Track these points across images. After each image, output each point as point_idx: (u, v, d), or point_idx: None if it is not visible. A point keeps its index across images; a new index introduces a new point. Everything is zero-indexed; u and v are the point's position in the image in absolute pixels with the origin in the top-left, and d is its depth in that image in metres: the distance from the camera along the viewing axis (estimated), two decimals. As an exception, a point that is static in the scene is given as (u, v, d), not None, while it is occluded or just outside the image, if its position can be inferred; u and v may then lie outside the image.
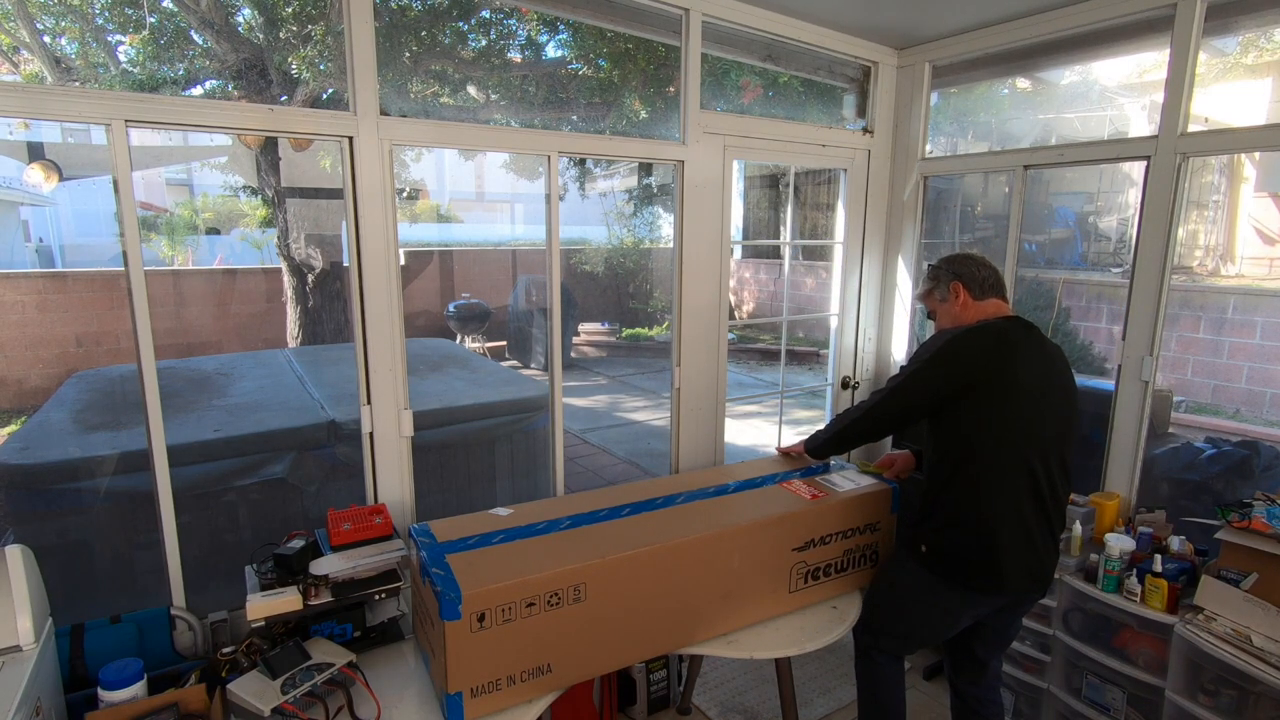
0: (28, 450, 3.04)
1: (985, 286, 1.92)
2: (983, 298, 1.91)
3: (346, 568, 1.73)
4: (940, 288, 1.95)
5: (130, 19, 3.47)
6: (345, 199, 2.01)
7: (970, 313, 1.92)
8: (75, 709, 1.53)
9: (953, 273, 1.93)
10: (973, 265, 1.93)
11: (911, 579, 1.92)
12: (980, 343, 1.80)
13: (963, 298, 1.91)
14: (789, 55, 3.01)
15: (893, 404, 1.89)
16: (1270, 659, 1.81)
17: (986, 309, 1.91)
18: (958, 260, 1.96)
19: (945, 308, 1.95)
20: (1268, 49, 6.52)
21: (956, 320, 1.92)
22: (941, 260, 1.99)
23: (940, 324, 1.97)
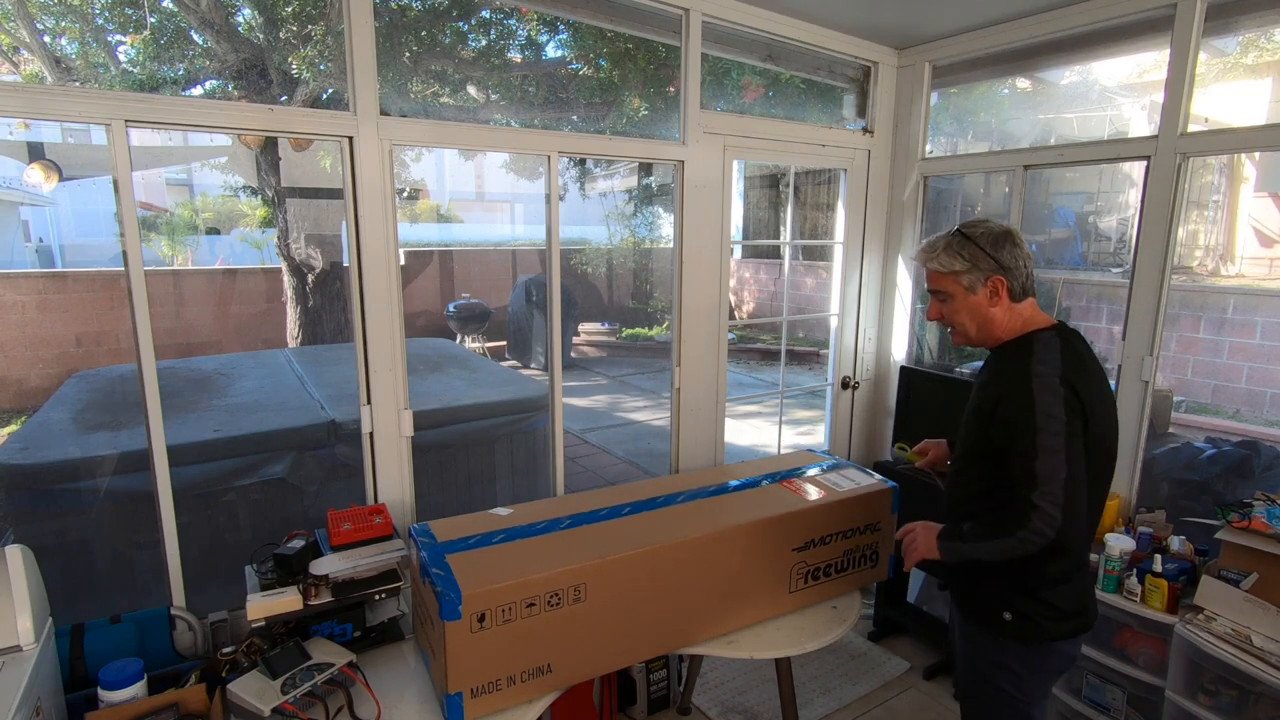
0: (28, 450, 3.04)
1: (1027, 286, 1.55)
2: (1022, 299, 1.55)
3: (346, 568, 1.73)
4: (974, 275, 1.52)
5: (130, 19, 3.47)
6: (345, 199, 2.01)
7: (1009, 320, 1.54)
8: (75, 709, 1.53)
9: (997, 263, 1.51)
10: (1019, 255, 1.53)
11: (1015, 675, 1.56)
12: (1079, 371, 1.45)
13: (1003, 299, 1.53)
14: (789, 55, 3.01)
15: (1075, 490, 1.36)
16: (1270, 659, 1.81)
17: (1025, 313, 1.55)
18: (999, 241, 1.52)
19: (973, 303, 1.54)
20: (1268, 49, 6.52)
21: (983, 324, 1.56)
22: (975, 232, 1.53)
23: (956, 318, 1.58)
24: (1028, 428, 1.39)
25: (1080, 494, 1.37)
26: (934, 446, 1.97)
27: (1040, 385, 1.41)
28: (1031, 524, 1.36)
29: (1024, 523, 1.37)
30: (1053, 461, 1.36)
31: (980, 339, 1.60)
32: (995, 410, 1.47)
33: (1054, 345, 1.48)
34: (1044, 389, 1.40)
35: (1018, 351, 1.51)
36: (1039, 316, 1.57)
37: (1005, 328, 1.56)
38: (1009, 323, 1.56)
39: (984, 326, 1.57)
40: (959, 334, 1.62)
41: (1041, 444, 1.37)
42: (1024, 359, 1.47)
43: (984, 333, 1.58)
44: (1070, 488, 1.36)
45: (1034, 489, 1.36)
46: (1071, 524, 1.35)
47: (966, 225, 1.56)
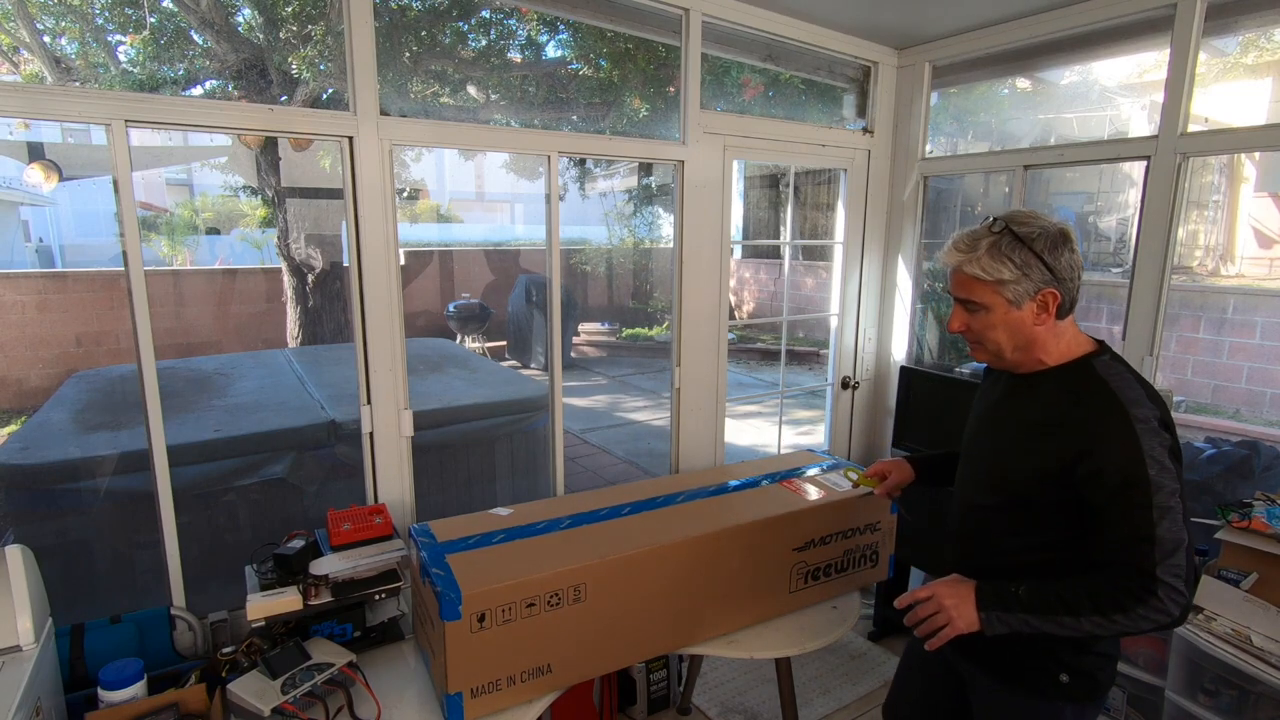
0: (28, 450, 3.04)
1: (1074, 300, 1.29)
2: (1068, 314, 1.31)
3: (346, 568, 1.73)
4: (1023, 286, 1.25)
5: (130, 19, 3.47)
6: (345, 199, 2.01)
7: (1053, 341, 1.30)
8: (75, 709, 1.53)
9: (1053, 272, 1.24)
10: (1075, 263, 1.27)
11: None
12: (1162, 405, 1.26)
13: (1051, 317, 1.27)
14: (789, 55, 3.01)
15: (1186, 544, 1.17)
16: (1270, 659, 1.81)
17: (1068, 333, 1.32)
18: (1057, 244, 1.24)
19: (1015, 319, 1.27)
20: (1268, 49, 6.52)
21: (1024, 345, 1.30)
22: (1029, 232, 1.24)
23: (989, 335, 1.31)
24: (1141, 486, 1.16)
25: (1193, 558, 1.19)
26: (893, 468, 1.73)
27: (1145, 434, 1.17)
28: (1154, 602, 1.14)
29: (1145, 599, 1.15)
30: (1175, 526, 1.15)
31: (1014, 361, 1.34)
32: (1082, 463, 1.20)
33: (1128, 377, 1.26)
34: (1149, 437, 1.17)
35: (1092, 389, 1.25)
36: (1081, 335, 1.35)
37: (1050, 351, 1.31)
38: (1054, 345, 1.30)
39: (1024, 348, 1.31)
40: (986, 352, 1.35)
41: (1159, 504, 1.15)
42: (1112, 401, 1.21)
43: (1022, 354, 1.32)
44: (1191, 557, 1.17)
45: (1156, 561, 1.14)
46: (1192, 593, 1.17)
47: (1016, 220, 1.26)
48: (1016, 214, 1.28)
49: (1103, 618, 1.17)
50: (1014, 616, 1.23)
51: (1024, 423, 1.33)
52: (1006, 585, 1.25)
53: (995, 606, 1.25)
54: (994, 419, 1.42)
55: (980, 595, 1.26)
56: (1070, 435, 1.23)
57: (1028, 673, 1.35)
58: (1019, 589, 1.24)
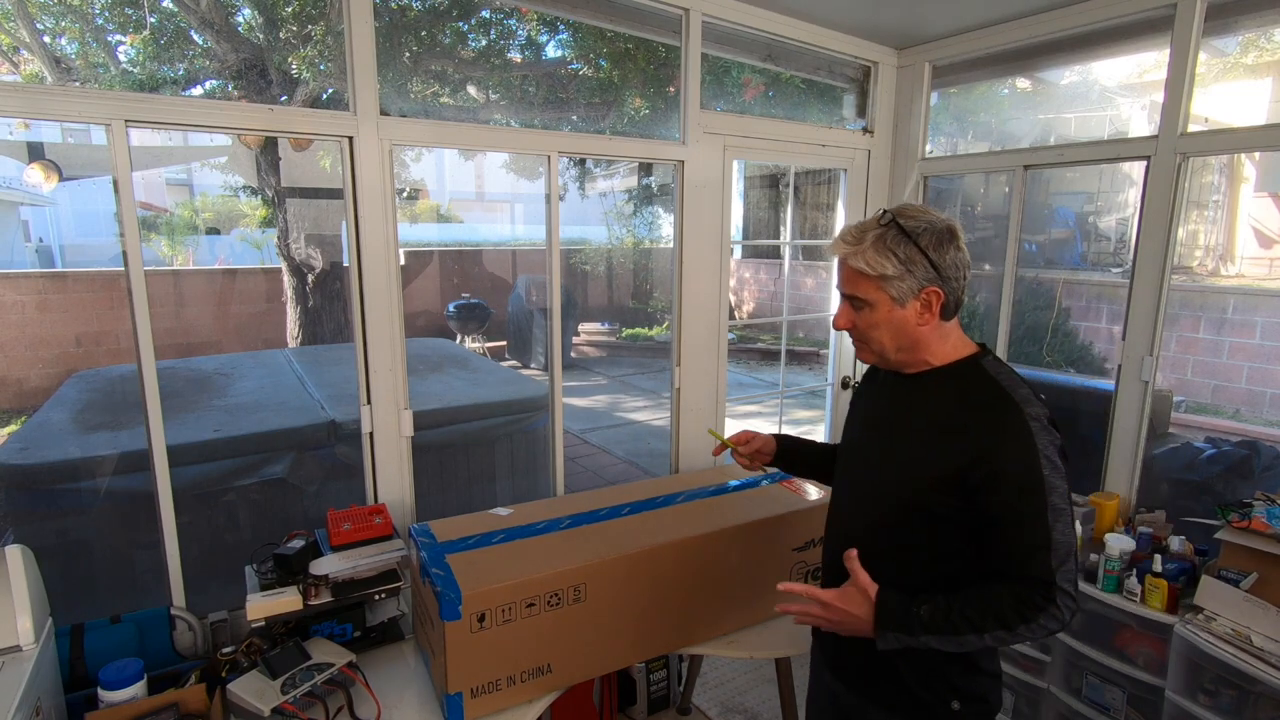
0: (28, 450, 3.04)
1: (960, 300, 1.26)
2: (953, 315, 1.27)
3: (346, 568, 1.73)
4: (907, 283, 1.20)
5: (130, 19, 3.47)
6: (345, 199, 2.01)
7: (938, 342, 1.26)
8: (75, 709, 1.53)
9: (937, 270, 1.20)
10: (961, 261, 1.23)
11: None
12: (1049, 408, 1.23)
13: (935, 317, 1.23)
14: (789, 55, 3.01)
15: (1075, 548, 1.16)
16: (1270, 659, 1.81)
17: (953, 334, 1.28)
18: (943, 240, 1.21)
19: (898, 319, 1.23)
20: (1268, 49, 6.52)
21: (907, 346, 1.26)
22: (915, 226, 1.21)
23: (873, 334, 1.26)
24: (1037, 489, 1.12)
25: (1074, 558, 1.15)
26: (760, 440, 1.65)
27: (1040, 431, 1.15)
28: (1053, 610, 1.11)
29: (1044, 608, 1.11)
30: (1067, 530, 1.13)
31: (899, 361, 1.29)
32: (978, 467, 1.15)
33: (1015, 377, 1.23)
34: (1043, 434, 1.15)
35: (983, 389, 1.21)
36: (964, 337, 1.30)
37: (935, 351, 1.26)
38: (939, 346, 1.26)
39: (908, 349, 1.26)
40: (871, 351, 1.30)
41: (1054, 504, 1.12)
42: (1006, 402, 1.18)
43: (906, 355, 1.27)
44: (1077, 560, 1.15)
45: (1053, 566, 1.11)
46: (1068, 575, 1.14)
47: (904, 214, 1.22)
48: (906, 207, 1.24)
49: (1006, 631, 1.13)
50: (914, 638, 1.17)
51: (915, 428, 1.27)
52: (909, 606, 1.18)
53: (895, 628, 1.18)
54: (882, 425, 1.35)
55: (880, 615, 1.19)
56: (965, 438, 1.18)
57: (919, 703, 1.29)
58: (921, 609, 1.17)
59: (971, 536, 1.20)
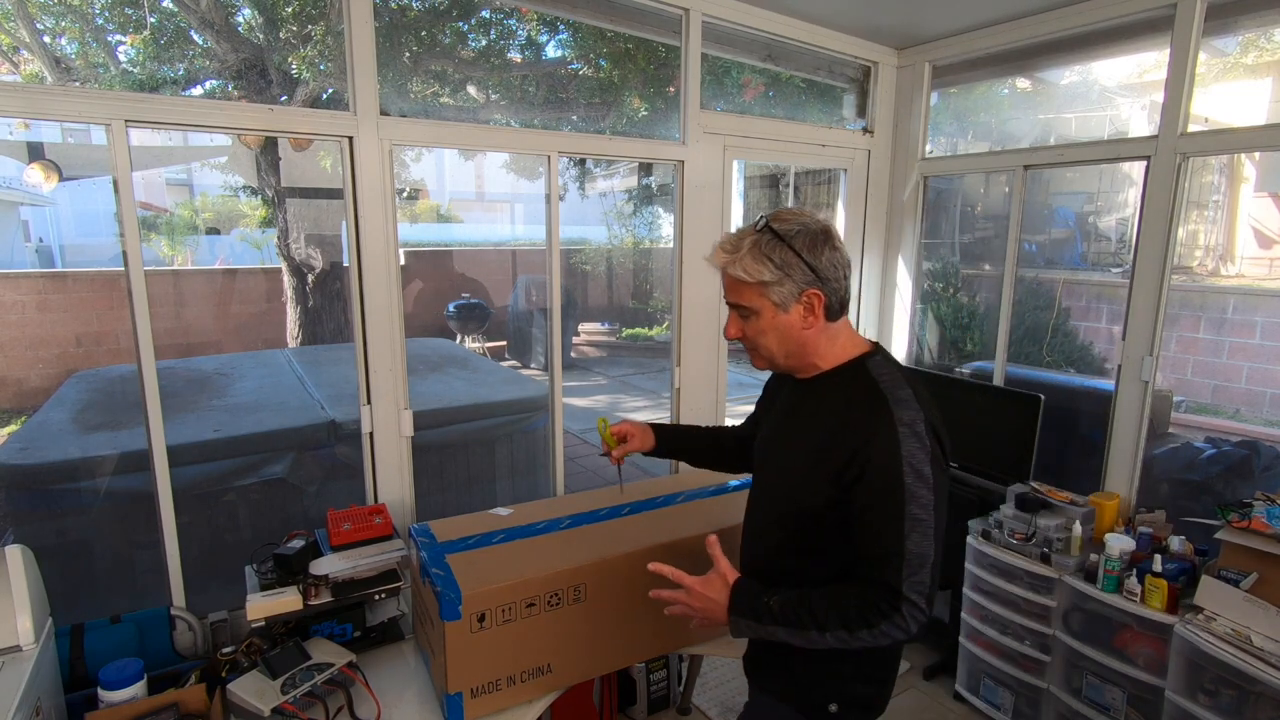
0: (28, 450, 3.04)
1: (844, 300, 1.24)
2: (838, 317, 1.25)
3: (346, 568, 1.73)
4: (786, 288, 1.19)
5: (130, 19, 3.47)
6: (345, 199, 2.01)
7: (825, 344, 1.26)
8: (75, 709, 1.53)
9: (814, 272, 1.19)
10: (838, 261, 1.21)
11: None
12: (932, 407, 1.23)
13: (819, 319, 1.22)
14: (789, 55, 3.01)
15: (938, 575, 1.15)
16: (1270, 659, 1.81)
17: (842, 335, 1.27)
18: (817, 242, 1.19)
19: (783, 324, 1.22)
20: (1268, 49, 6.51)
21: (795, 350, 1.25)
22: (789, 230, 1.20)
23: (760, 340, 1.26)
24: (895, 494, 1.11)
25: (939, 575, 1.14)
26: (636, 433, 1.62)
27: (906, 438, 1.13)
28: (897, 618, 1.11)
29: (889, 615, 1.11)
30: (924, 541, 1.11)
31: (789, 367, 1.30)
32: (850, 467, 1.15)
33: (899, 379, 1.22)
34: (909, 442, 1.13)
35: (862, 391, 1.21)
36: (856, 337, 1.31)
37: (823, 354, 1.26)
38: (825, 348, 1.26)
39: (796, 354, 1.26)
40: (762, 358, 1.30)
41: (912, 514, 1.11)
42: (879, 403, 1.17)
43: (795, 360, 1.27)
44: (935, 573, 1.13)
45: (903, 575, 1.10)
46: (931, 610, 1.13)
47: (778, 218, 1.22)
48: (781, 212, 1.24)
49: (848, 633, 1.13)
50: (764, 627, 1.20)
51: (806, 431, 1.27)
52: (762, 594, 1.21)
53: (746, 614, 1.21)
54: (783, 427, 1.36)
55: (734, 599, 1.23)
56: (843, 438, 1.18)
57: (804, 698, 1.31)
58: (772, 599, 1.19)
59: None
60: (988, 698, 2.61)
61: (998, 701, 2.58)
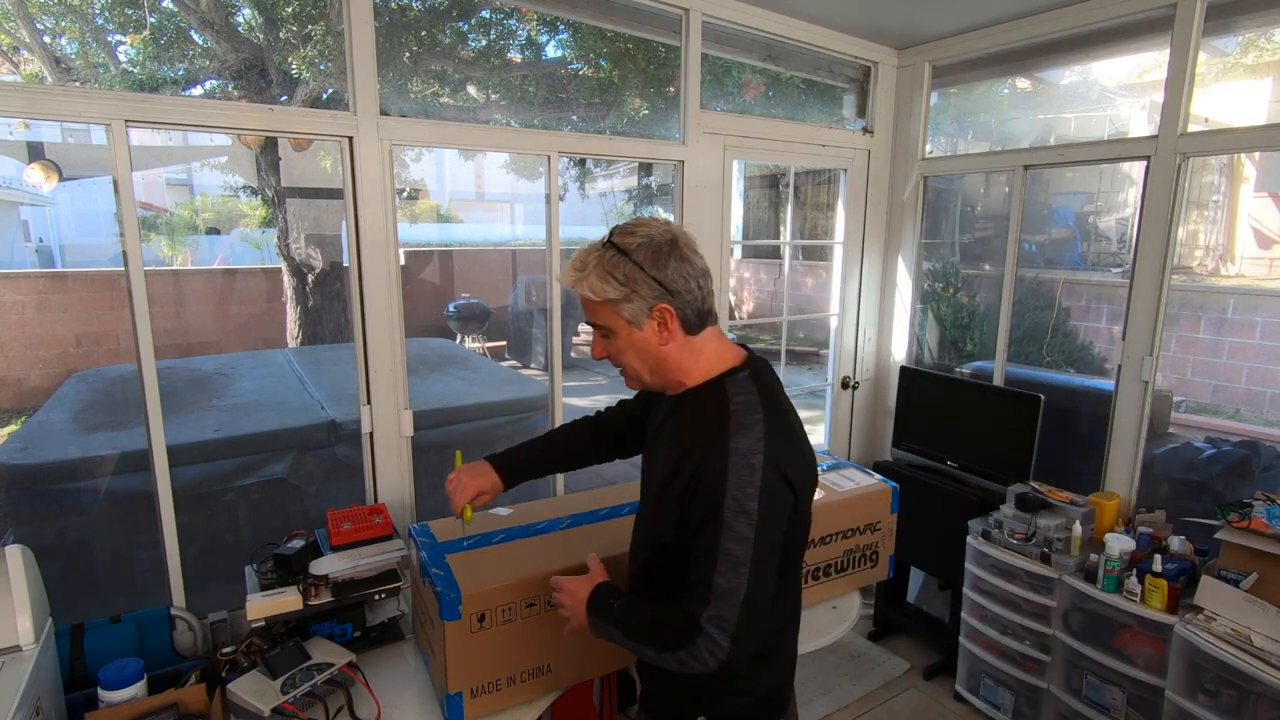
0: (28, 450, 3.04)
1: (703, 311, 1.19)
2: (699, 329, 1.19)
3: (346, 568, 1.73)
4: (636, 305, 1.15)
5: (130, 19, 3.47)
6: (345, 199, 2.01)
7: (687, 359, 1.20)
8: (75, 709, 1.53)
9: (662, 285, 1.14)
10: (689, 272, 1.16)
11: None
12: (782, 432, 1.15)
13: (676, 334, 1.17)
14: (789, 55, 3.01)
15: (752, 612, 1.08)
16: (1270, 659, 1.81)
17: (707, 348, 1.21)
18: (661, 254, 1.15)
19: (639, 340, 1.18)
20: (1268, 49, 6.51)
21: (657, 367, 1.20)
22: (630, 244, 1.15)
23: (623, 360, 1.22)
24: (713, 526, 1.07)
25: (757, 613, 1.09)
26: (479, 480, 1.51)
27: (736, 468, 1.07)
28: (694, 648, 1.07)
29: (685, 644, 1.08)
30: (734, 576, 1.06)
31: (655, 385, 1.24)
32: (687, 492, 1.13)
33: (754, 404, 1.14)
34: (739, 473, 1.07)
35: (712, 412, 1.15)
36: (726, 349, 1.23)
37: (686, 370, 1.20)
38: (689, 364, 1.19)
39: (658, 371, 1.20)
40: (630, 378, 1.25)
41: (725, 548, 1.06)
42: (720, 427, 1.12)
43: (659, 378, 1.22)
44: (746, 610, 1.06)
45: (705, 607, 1.07)
46: (739, 653, 1.07)
47: (620, 232, 1.17)
48: (626, 224, 1.18)
49: (655, 650, 1.12)
50: (607, 628, 1.20)
51: (665, 452, 1.22)
52: (612, 596, 1.23)
53: (598, 613, 1.22)
54: (651, 447, 1.32)
55: (591, 598, 1.24)
56: (685, 462, 1.14)
57: (669, 708, 1.30)
58: (616, 602, 1.21)
59: None
60: (988, 698, 2.61)
61: (998, 701, 2.58)
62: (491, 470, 1.53)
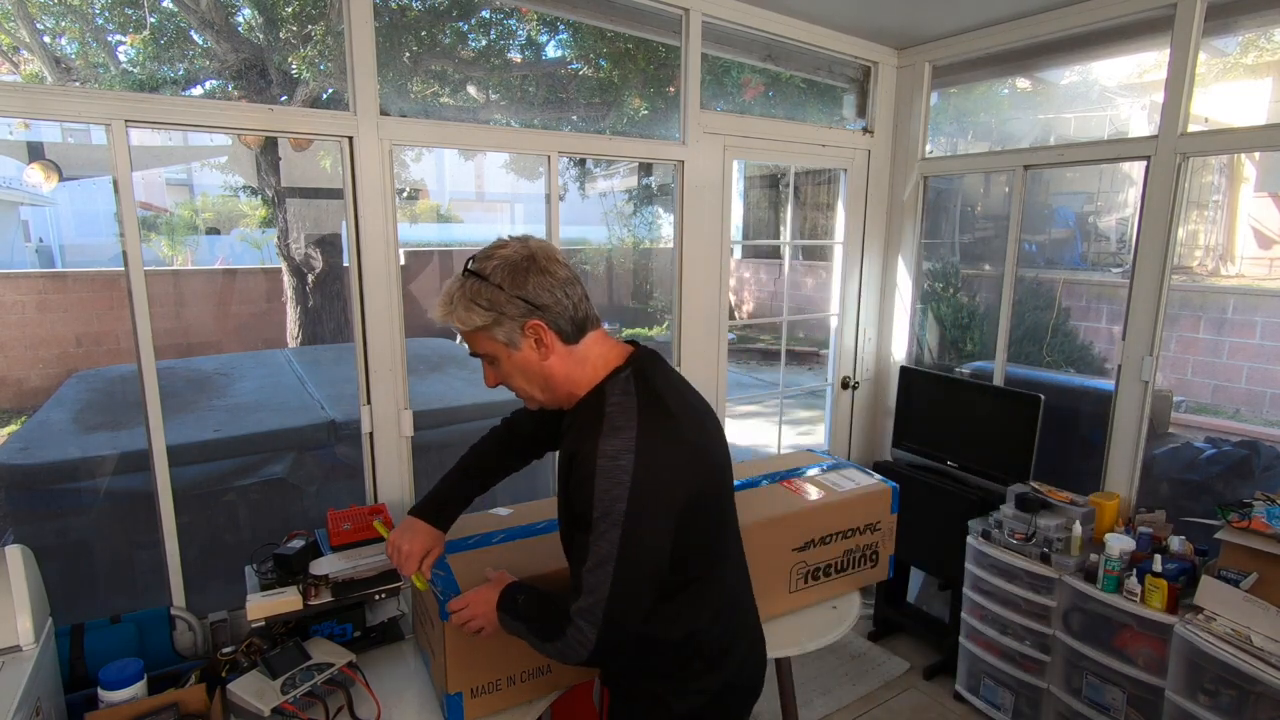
0: (28, 450, 3.04)
1: (578, 318, 1.19)
2: (579, 338, 1.20)
3: (346, 568, 1.73)
4: (507, 327, 1.15)
5: (130, 19, 3.46)
6: (345, 199, 2.01)
7: (575, 370, 1.20)
8: (75, 709, 1.53)
9: (526, 302, 1.14)
10: (552, 284, 1.16)
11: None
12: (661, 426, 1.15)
13: (554, 347, 1.18)
14: (789, 55, 3.01)
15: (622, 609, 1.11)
16: (1270, 659, 1.81)
17: (592, 354, 1.22)
18: (519, 272, 1.15)
19: (521, 361, 1.19)
20: (1268, 49, 6.51)
21: (545, 385, 1.21)
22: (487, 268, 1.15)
23: (513, 384, 1.24)
24: (585, 522, 1.11)
25: (634, 607, 1.12)
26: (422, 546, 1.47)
27: (604, 470, 1.10)
28: (564, 639, 1.13)
29: (559, 635, 1.14)
30: (599, 572, 1.10)
31: (549, 401, 1.25)
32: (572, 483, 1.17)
33: (628, 405, 1.15)
34: (606, 474, 1.09)
35: (590, 416, 1.17)
36: (611, 350, 1.24)
37: (576, 380, 1.21)
38: (577, 374, 1.20)
39: (547, 388, 1.21)
40: (528, 400, 1.26)
41: (593, 546, 1.10)
42: (594, 430, 1.13)
43: (550, 394, 1.23)
44: (614, 608, 1.10)
45: (576, 599, 1.12)
46: (613, 642, 1.12)
47: (478, 258, 1.18)
48: (484, 249, 1.19)
49: (539, 641, 1.18)
50: (514, 622, 1.25)
51: (560, 458, 1.24)
52: (518, 592, 1.28)
53: (506, 609, 1.28)
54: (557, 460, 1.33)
55: (501, 597, 1.29)
56: (570, 466, 1.17)
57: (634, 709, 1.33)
58: (521, 596, 1.27)
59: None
60: (988, 698, 2.61)
61: (998, 701, 2.58)
62: (424, 525, 1.51)
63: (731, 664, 1.32)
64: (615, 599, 1.10)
